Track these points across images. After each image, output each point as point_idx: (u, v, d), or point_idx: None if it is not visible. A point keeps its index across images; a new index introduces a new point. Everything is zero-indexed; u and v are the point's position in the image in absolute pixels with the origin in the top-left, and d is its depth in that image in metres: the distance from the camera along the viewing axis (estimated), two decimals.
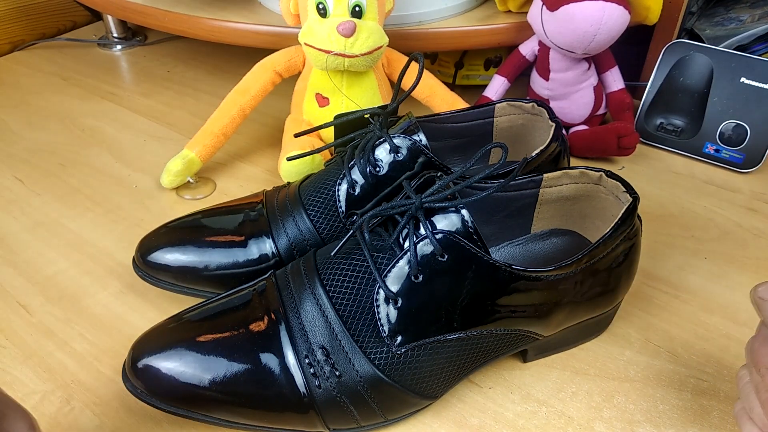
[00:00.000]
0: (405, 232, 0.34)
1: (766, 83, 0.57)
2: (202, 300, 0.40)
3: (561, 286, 0.36)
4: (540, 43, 0.60)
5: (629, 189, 0.39)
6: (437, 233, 0.33)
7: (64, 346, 0.43)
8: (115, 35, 0.87)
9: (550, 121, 0.46)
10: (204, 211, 0.46)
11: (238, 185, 0.59)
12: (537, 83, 0.62)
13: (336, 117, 0.47)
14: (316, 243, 0.43)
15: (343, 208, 0.43)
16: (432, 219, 0.34)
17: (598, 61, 0.60)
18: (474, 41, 0.63)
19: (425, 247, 0.33)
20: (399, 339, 0.34)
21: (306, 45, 0.52)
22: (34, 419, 0.30)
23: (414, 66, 0.54)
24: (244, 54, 0.77)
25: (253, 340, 0.34)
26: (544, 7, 0.55)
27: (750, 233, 0.52)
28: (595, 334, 0.43)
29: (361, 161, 0.42)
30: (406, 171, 0.41)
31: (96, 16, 0.94)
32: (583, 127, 0.62)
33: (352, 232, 0.36)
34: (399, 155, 0.42)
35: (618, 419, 0.38)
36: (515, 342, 0.37)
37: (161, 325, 0.37)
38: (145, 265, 0.44)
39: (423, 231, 0.33)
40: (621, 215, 0.37)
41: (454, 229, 0.33)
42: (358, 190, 0.42)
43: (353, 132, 0.45)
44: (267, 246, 0.43)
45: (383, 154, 0.42)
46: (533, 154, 0.43)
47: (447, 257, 0.33)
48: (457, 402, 0.39)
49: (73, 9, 0.92)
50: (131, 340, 0.36)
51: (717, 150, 0.60)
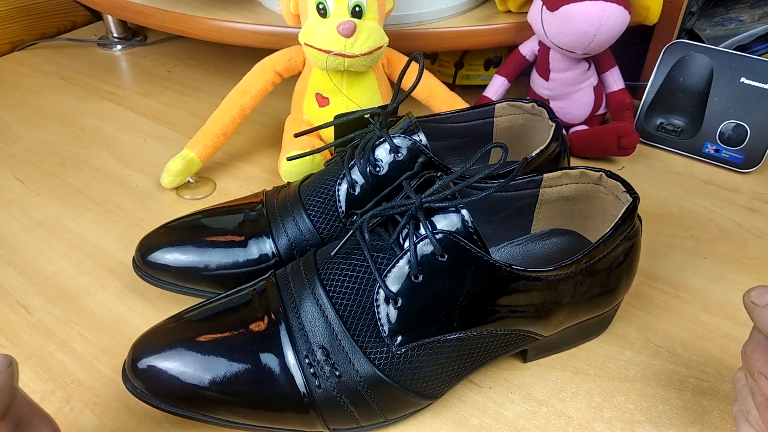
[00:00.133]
0: (405, 232, 0.34)
1: (766, 83, 0.57)
2: (202, 300, 0.40)
3: (561, 286, 0.36)
4: (540, 43, 0.60)
5: (629, 189, 0.39)
6: (437, 233, 0.33)
7: (64, 346, 0.43)
8: (115, 35, 0.87)
9: (550, 121, 0.46)
10: (204, 211, 0.46)
11: (238, 185, 0.59)
12: (537, 83, 0.62)
13: (336, 117, 0.47)
14: (316, 243, 0.43)
15: (343, 208, 0.43)
16: (432, 219, 0.34)
17: (598, 61, 0.60)
18: (474, 41, 0.63)
19: (425, 247, 0.33)
20: (399, 339, 0.34)
21: (306, 45, 0.52)
22: (57, 426, 0.31)
23: (414, 66, 0.54)
24: (244, 54, 0.77)
25: (253, 340, 0.34)
26: (544, 7, 0.55)
27: (750, 233, 0.52)
28: (595, 334, 0.43)
29: (361, 161, 0.42)
30: (406, 171, 0.41)
31: (96, 16, 0.94)
32: (583, 127, 0.62)
33: (352, 232, 0.36)
34: (399, 155, 0.42)
35: (618, 419, 0.38)
36: (515, 342, 0.37)
37: (161, 325, 0.37)
38: (145, 265, 0.44)
39: (423, 231, 0.33)
40: (621, 215, 0.37)
41: (454, 229, 0.33)
42: (358, 190, 0.42)
43: (353, 132, 0.45)
44: (267, 246, 0.43)
45: (383, 154, 0.42)
46: (533, 154, 0.43)
47: (447, 257, 0.33)
48: (457, 402, 0.39)
49: (73, 9, 0.92)
50: (131, 340, 0.36)
51: (717, 150, 0.60)
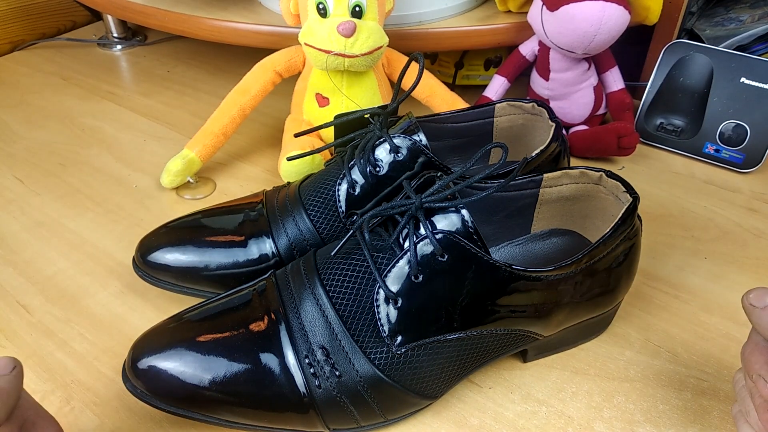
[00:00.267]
0: (405, 232, 0.34)
1: (766, 83, 0.57)
2: (202, 300, 0.40)
3: (561, 286, 0.36)
4: (540, 43, 0.60)
5: (629, 189, 0.39)
6: (437, 233, 0.33)
7: (64, 346, 0.43)
8: (115, 35, 0.87)
9: (550, 121, 0.46)
10: (204, 211, 0.46)
11: (238, 185, 0.59)
12: (537, 83, 0.62)
13: (336, 117, 0.47)
14: (316, 243, 0.43)
15: (343, 208, 0.43)
16: (432, 219, 0.34)
17: (598, 61, 0.60)
18: (474, 41, 0.63)
19: (425, 247, 0.33)
20: (399, 339, 0.34)
21: (306, 45, 0.52)
22: (61, 428, 0.31)
23: (414, 66, 0.54)
24: (244, 54, 0.77)
25: (253, 340, 0.34)
26: (544, 7, 0.55)
27: (750, 233, 0.52)
28: (595, 334, 0.43)
29: (361, 161, 0.42)
30: (406, 171, 0.41)
31: (96, 16, 0.94)
32: (583, 127, 0.62)
33: (352, 232, 0.36)
34: (399, 155, 0.42)
35: (618, 419, 0.38)
36: (515, 342, 0.37)
37: (161, 325, 0.37)
38: (145, 265, 0.44)
39: (423, 231, 0.33)
40: (621, 215, 0.37)
41: (454, 229, 0.33)
42: (358, 190, 0.42)
43: (353, 132, 0.45)
44: (267, 246, 0.43)
45: (383, 154, 0.42)
46: (533, 154, 0.43)
47: (447, 257, 0.33)
48: (457, 402, 0.39)
49: (73, 9, 0.92)
50: (131, 340, 0.36)
51: (717, 150, 0.60)
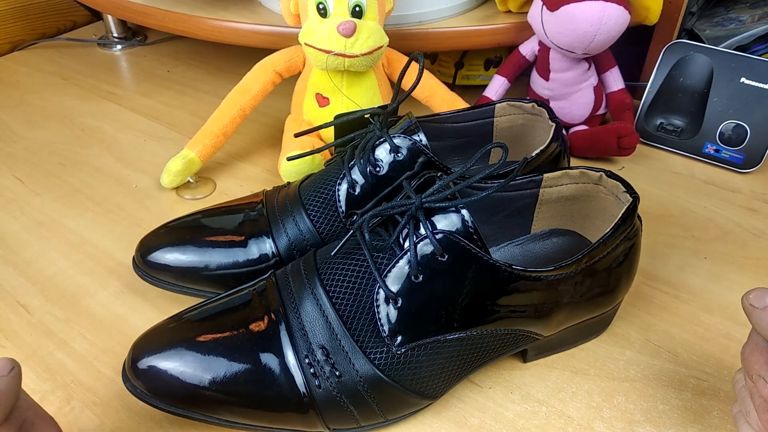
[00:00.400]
0: (405, 232, 0.34)
1: (766, 83, 0.57)
2: (202, 300, 0.40)
3: (561, 286, 0.36)
4: (540, 43, 0.60)
5: (629, 189, 0.39)
6: (437, 233, 0.33)
7: (64, 346, 0.43)
8: (115, 35, 0.87)
9: (550, 121, 0.46)
10: (204, 211, 0.46)
11: (238, 185, 0.59)
12: (537, 83, 0.62)
13: (336, 117, 0.47)
14: (316, 243, 0.43)
15: (343, 208, 0.43)
16: (432, 219, 0.34)
17: (598, 61, 0.60)
18: (474, 41, 0.63)
19: (425, 247, 0.33)
20: (399, 339, 0.34)
21: (306, 45, 0.52)
22: (61, 429, 0.31)
23: (414, 66, 0.54)
24: (244, 54, 0.77)
25: (253, 340, 0.34)
26: (544, 7, 0.55)
27: (750, 233, 0.52)
28: (595, 334, 0.43)
29: (361, 161, 0.42)
30: (406, 171, 0.41)
31: (96, 16, 0.94)
32: (583, 127, 0.62)
33: (352, 232, 0.36)
34: (399, 155, 0.42)
35: (618, 419, 0.38)
36: (515, 342, 0.37)
37: (161, 325, 0.37)
38: (145, 265, 0.44)
39: (423, 231, 0.33)
40: (621, 215, 0.37)
41: (454, 229, 0.33)
42: (358, 190, 0.42)
43: (353, 132, 0.45)
44: (267, 246, 0.43)
45: (383, 154, 0.42)
46: (533, 154, 0.43)
47: (447, 257, 0.33)
48: (457, 402, 0.39)
49: (73, 9, 0.92)
50: (131, 340, 0.36)
51: (717, 150, 0.60)
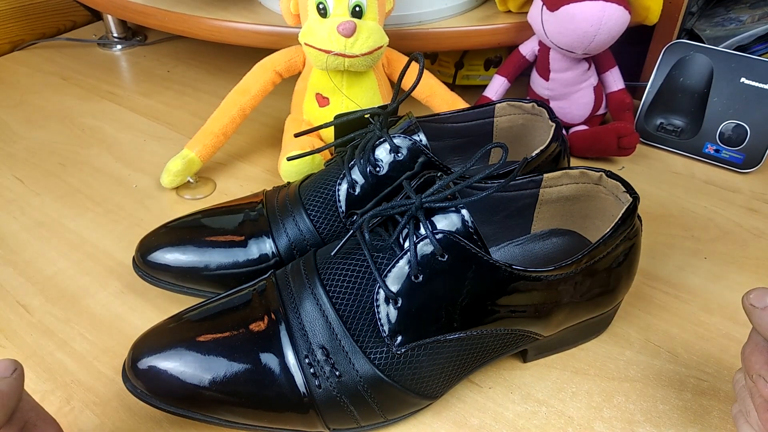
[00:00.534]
0: (405, 232, 0.34)
1: (766, 83, 0.57)
2: (202, 300, 0.40)
3: (561, 286, 0.36)
4: (540, 43, 0.60)
5: (629, 189, 0.39)
6: (437, 233, 0.33)
7: (64, 346, 0.43)
8: (115, 35, 0.87)
9: (550, 121, 0.46)
10: (204, 211, 0.46)
11: (238, 185, 0.59)
12: (537, 83, 0.62)
13: (336, 117, 0.47)
14: (316, 243, 0.43)
15: (343, 208, 0.43)
16: (432, 219, 0.34)
17: (598, 61, 0.60)
18: (474, 41, 0.63)
19: (425, 247, 0.33)
20: (399, 339, 0.34)
21: (306, 45, 0.52)
22: (62, 430, 0.31)
23: (414, 66, 0.54)
24: (244, 54, 0.77)
25: (253, 340, 0.34)
26: (544, 7, 0.55)
27: (750, 233, 0.52)
28: (595, 334, 0.43)
29: (361, 161, 0.42)
30: (406, 171, 0.41)
31: (96, 16, 0.94)
32: (583, 127, 0.62)
33: (352, 232, 0.36)
34: (399, 155, 0.42)
35: (618, 419, 0.38)
36: (515, 342, 0.37)
37: (161, 325, 0.37)
38: (145, 265, 0.44)
39: (423, 231, 0.33)
40: (621, 215, 0.37)
41: (454, 229, 0.33)
42: (358, 190, 0.42)
43: (353, 132, 0.45)
44: (267, 246, 0.43)
45: (383, 154, 0.42)
46: (533, 154, 0.43)
47: (447, 257, 0.33)
48: (457, 402, 0.39)
49: (73, 9, 0.92)
50: (131, 340, 0.36)
51: (717, 150, 0.60)
